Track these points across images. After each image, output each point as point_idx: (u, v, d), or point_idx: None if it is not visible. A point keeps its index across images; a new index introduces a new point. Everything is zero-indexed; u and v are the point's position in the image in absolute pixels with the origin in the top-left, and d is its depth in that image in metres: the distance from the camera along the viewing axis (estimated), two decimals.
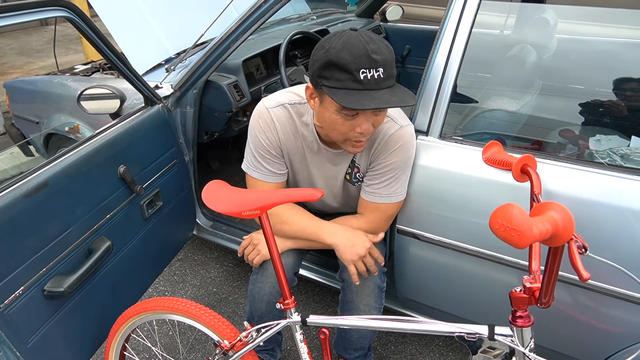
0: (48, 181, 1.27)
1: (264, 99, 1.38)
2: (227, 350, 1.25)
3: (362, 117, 1.15)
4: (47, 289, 1.26)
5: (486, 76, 1.74)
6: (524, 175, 1.17)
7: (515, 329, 1.00)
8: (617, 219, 1.18)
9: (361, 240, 1.34)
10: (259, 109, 1.37)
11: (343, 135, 1.21)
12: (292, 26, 2.76)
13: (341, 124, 1.17)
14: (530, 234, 0.67)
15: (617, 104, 1.56)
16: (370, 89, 1.08)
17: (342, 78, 1.08)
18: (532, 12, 1.99)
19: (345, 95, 1.08)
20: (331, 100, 1.12)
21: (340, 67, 1.07)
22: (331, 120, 1.18)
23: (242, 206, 1.13)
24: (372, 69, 1.07)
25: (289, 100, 1.36)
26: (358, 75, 1.06)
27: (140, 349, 1.92)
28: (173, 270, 2.39)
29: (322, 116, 1.21)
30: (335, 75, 1.09)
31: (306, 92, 1.24)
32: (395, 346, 1.96)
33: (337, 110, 1.14)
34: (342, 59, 1.06)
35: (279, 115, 1.35)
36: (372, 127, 1.19)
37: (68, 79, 2.37)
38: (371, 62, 1.06)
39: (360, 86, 1.08)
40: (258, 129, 1.36)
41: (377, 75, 1.08)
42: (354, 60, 1.06)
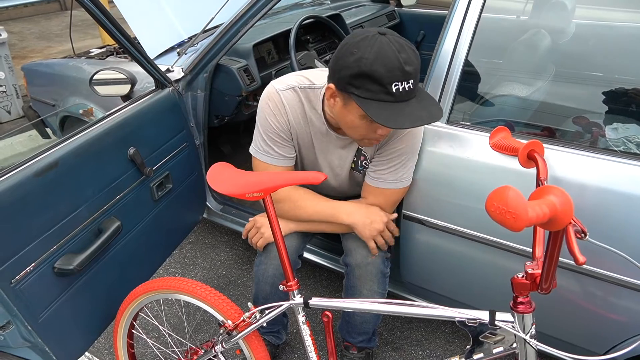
0: (58, 161, 1.29)
1: (273, 82, 1.38)
2: (230, 330, 1.28)
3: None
4: (57, 266, 1.29)
5: (497, 61, 1.71)
6: (531, 161, 1.16)
7: (517, 315, 0.99)
8: (628, 207, 1.16)
9: (378, 216, 1.37)
10: (268, 91, 1.36)
11: (362, 136, 1.23)
12: (305, 11, 2.74)
13: (363, 127, 1.18)
14: (525, 216, 0.67)
15: (635, 91, 1.52)
16: (400, 100, 1.08)
17: (373, 89, 1.07)
18: None
19: (377, 109, 1.07)
20: (357, 107, 1.11)
21: (373, 79, 1.06)
22: (353, 123, 1.19)
23: (246, 188, 1.14)
24: (404, 81, 1.06)
25: (299, 83, 1.36)
26: (390, 88, 1.06)
27: (149, 329, 1.96)
28: (184, 252, 2.43)
29: (343, 117, 1.21)
30: (366, 85, 1.08)
31: (327, 92, 1.21)
32: (401, 332, 1.97)
33: (361, 116, 1.15)
34: (376, 72, 1.05)
35: (288, 98, 1.35)
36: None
37: (83, 62, 2.40)
38: (404, 75, 1.06)
39: (391, 98, 1.07)
40: (268, 112, 1.36)
41: (408, 87, 1.07)
42: (388, 74, 1.05)
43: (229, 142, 2.77)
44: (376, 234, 1.37)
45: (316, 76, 1.37)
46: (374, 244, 1.38)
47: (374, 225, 1.36)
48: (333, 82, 1.16)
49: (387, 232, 1.39)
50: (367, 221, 1.36)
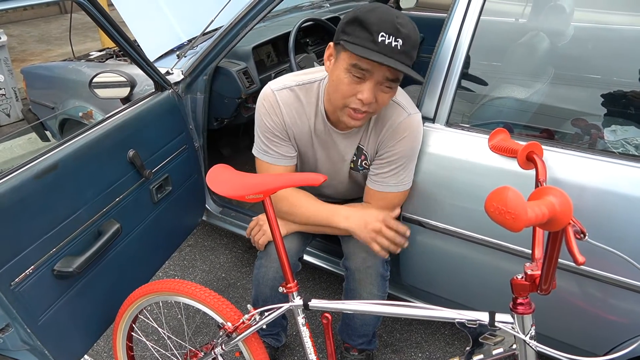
0: (58, 163, 1.29)
1: (270, 82, 1.38)
2: (230, 332, 1.27)
3: (367, 84, 1.15)
4: (57, 268, 1.28)
5: (496, 64, 1.71)
6: (530, 162, 1.16)
7: (516, 316, 0.99)
8: (627, 208, 1.16)
9: (373, 216, 1.32)
10: (264, 92, 1.37)
11: (343, 100, 1.20)
12: (304, 13, 2.75)
13: (346, 84, 1.17)
14: (524, 217, 0.67)
15: (634, 94, 1.53)
16: (384, 53, 1.08)
17: (361, 36, 1.09)
18: None
19: (358, 47, 1.09)
20: (344, 56, 1.14)
21: (364, 25, 1.09)
22: (338, 79, 1.18)
23: (245, 190, 1.14)
24: (392, 35, 1.08)
25: (296, 82, 1.36)
26: (377, 37, 1.08)
27: (149, 331, 1.96)
28: (183, 255, 2.43)
29: (332, 76, 1.21)
30: (356, 32, 1.10)
31: (326, 52, 1.24)
32: (401, 334, 1.97)
33: (347, 68, 1.15)
34: (367, 18, 1.08)
35: (284, 97, 1.35)
36: (375, 101, 1.18)
37: (83, 65, 2.40)
38: (393, 29, 1.08)
39: (375, 47, 1.08)
40: (263, 112, 1.36)
41: (395, 45, 1.08)
42: (378, 22, 1.08)
43: (228, 144, 2.77)
44: (374, 235, 1.31)
45: (317, 70, 1.38)
46: (376, 246, 1.31)
47: (369, 227, 1.31)
48: (333, 40, 1.20)
49: (387, 231, 1.31)
50: (362, 223, 1.32)
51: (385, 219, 1.32)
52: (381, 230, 1.30)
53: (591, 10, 1.87)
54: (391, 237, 1.32)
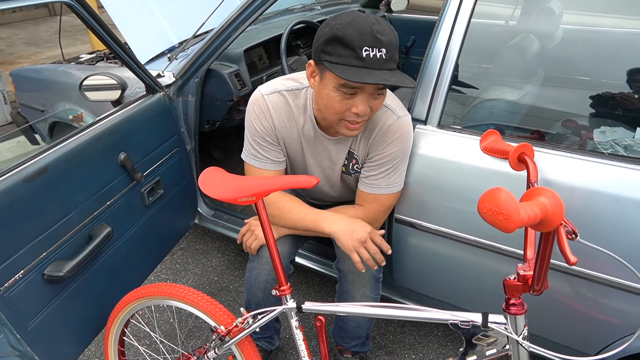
0: (47, 167, 1.28)
1: (260, 87, 1.38)
2: (223, 336, 1.27)
3: (359, 98, 1.15)
4: (47, 273, 1.27)
5: (487, 66, 1.72)
6: (521, 163, 1.17)
7: (509, 316, 1.00)
8: (617, 208, 1.17)
9: (360, 225, 1.31)
10: (254, 96, 1.37)
11: (338, 115, 1.20)
12: (295, 16, 2.75)
13: (338, 102, 1.16)
14: (517, 218, 0.67)
15: (622, 95, 1.55)
16: (371, 67, 1.08)
17: (344, 54, 1.08)
18: (537, 2, 1.97)
19: (345, 69, 1.08)
20: (331, 76, 1.13)
21: (344, 42, 1.07)
22: (329, 97, 1.17)
23: (238, 192, 1.14)
24: (375, 48, 1.07)
25: (285, 87, 1.36)
26: (361, 52, 1.07)
27: (140, 336, 1.94)
28: (175, 258, 2.41)
29: (320, 94, 1.20)
30: (338, 50, 1.09)
31: (307, 70, 1.23)
32: (394, 336, 1.97)
33: (335, 87, 1.14)
34: (347, 35, 1.07)
35: (274, 102, 1.35)
36: (370, 110, 1.18)
37: (72, 67, 2.38)
38: (375, 41, 1.07)
39: (361, 63, 1.08)
40: (253, 116, 1.36)
41: (380, 56, 1.08)
42: (358, 37, 1.06)
43: (220, 147, 2.76)
44: (358, 244, 1.29)
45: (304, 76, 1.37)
46: (356, 256, 1.30)
47: (355, 235, 1.29)
48: (313, 57, 1.19)
49: (371, 245, 1.30)
50: (348, 230, 1.30)
51: (372, 232, 1.31)
52: (366, 241, 1.29)
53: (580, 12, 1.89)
54: (373, 251, 1.31)
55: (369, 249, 1.30)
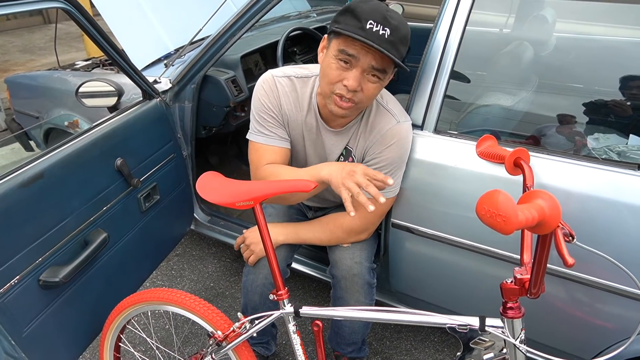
0: (44, 172, 1.27)
1: (270, 69, 1.40)
2: (220, 341, 1.26)
3: (353, 72, 1.17)
4: (43, 279, 1.26)
5: (482, 72, 1.74)
6: (517, 168, 1.17)
7: (506, 320, 1.00)
8: (611, 213, 1.18)
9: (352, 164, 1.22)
10: (264, 76, 1.38)
11: (330, 86, 1.21)
12: (292, 23, 2.77)
13: (333, 70, 1.18)
14: (515, 219, 0.68)
15: (615, 102, 1.56)
16: (370, 39, 1.10)
17: (351, 23, 1.12)
18: (530, 10, 2.00)
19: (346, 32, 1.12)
20: (334, 43, 1.17)
21: (354, 14, 1.12)
22: (327, 65, 1.20)
23: (235, 197, 1.14)
24: (380, 24, 1.10)
25: (295, 73, 1.38)
26: (365, 24, 1.10)
27: (136, 342, 1.93)
28: (171, 265, 2.40)
29: (322, 64, 1.24)
30: (347, 20, 1.13)
31: (320, 45, 1.27)
32: (390, 341, 1.97)
33: (335, 54, 1.17)
34: (358, 7, 1.12)
35: (283, 84, 1.36)
36: (361, 90, 1.19)
37: (68, 74, 2.38)
38: (382, 19, 1.11)
39: (362, 34, 1.11)
40: (261, 93, 1.36)
41: (382, 34, 1.11)
42: (368, 12, 1.11)
43: (216, 153, 2.76)
44: (348, 177, 1.16)
45: (316, 66, 1.38)
46: (345, 193, 1.14)
47: (345, 169, 1.18)
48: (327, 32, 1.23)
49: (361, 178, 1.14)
50: (339, 167, 1.21)
51: (364, 167, 1.19)
52: (355, 174, 1.16)
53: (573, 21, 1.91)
54: (363, 184, 1.14)
55: (358, 181, 1.14)
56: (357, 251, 1.44)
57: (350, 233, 1.43)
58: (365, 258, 1.44)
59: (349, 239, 1.45)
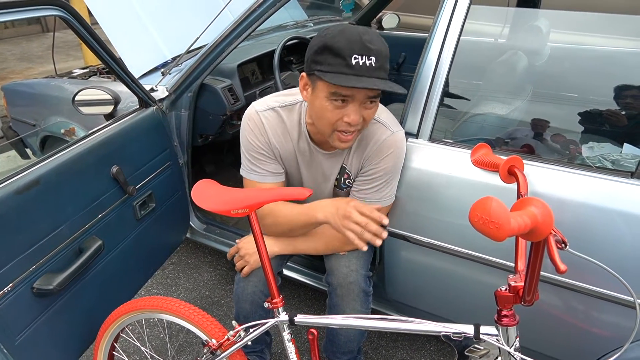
0: (39, 179, 1.27)
1: (254, 103, 1.39)
2: (215, 350, 1.25)
3: (351, 107, 1.16)
4: (37, 286, 1.26)
5: (477, 81, 1.76)
6: (511, 176, 1.18)
7: (501, 328, 1.00)
8: (605, 220, 1.19)
9: (343, 202, 1.26)
10: (248, 113, 1.38)
11: (331, 126, 1.20)
12: (288, 32, 2.78)
13: (330, 111, 1.17)
14: (508, 226, 0.68)
15: (609, 112, 1.58)
16: (360, 74, 1.10)
17: (334, 62, 1.10)
18: (524, 21, 2.02)
19: (335, 76, 1.10)
20: (322, 85, 1.15)
21: (334, 51, 1.09)
22: (321, 107, 1.18)
23: (231, 204, 1.14)
24: (364, 55, 1.09)
25: (279, 103, 1.37)
26: (350, 60, 1.08)
27: (130, 351, 1.91)
28: (166, 273, 2.39)
29: (313, 105, 1.21)
30: (328, 60, 1.11)
31: (300, 83, 1.24)
32: (386, 350, 1.96)
33: (327, 96, 1.15)
34: (336, 43, 1.09)
35: (268, 118, 1.36)
36: (362, 120, 1.19)
37: (65, 81, 2.38)
38: (364, 49, 1.09)
39: (351, 71, 1.09)
40: (248, 131, 1.37)
41: (369, 64, 1.10)
42: (348, 46, 1.08)
43: (213, 161, 2.76)
44: (345, 221, 1.21)
45: (298, 92, 1.38)
46: (350, 234, 1.20)
47: (340, 212, 1.22)
48: (305, 70, 1.20)
49: (358, 216, 1.19)
50: (334, 210, 1.25)
51: (357, 204, 1.23)
52: (351, 215, 1.20)
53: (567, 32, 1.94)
54: (362, 223, 1.19)
55: (357, 221, 1.19)
56: (353, 259, 1.44)
57: (346, 243, 1.43)
58: (361, 266, 1.44)
59: (345, 248, 1.45)
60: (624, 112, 1.56)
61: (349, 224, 1.21)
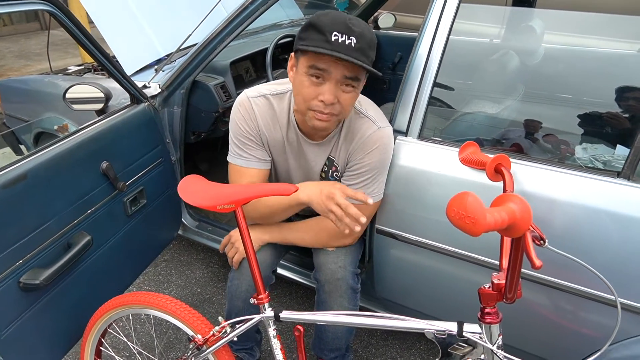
0: (27, 173, 1.27)
1: (245, 90, 1.40)
2: (200, 345, 1.25)
3: (327, 86, 1.17)
4: (23, 281, 1.26)
5: (466, 80, 1.76)
6: (498, 174, 1.18)
7: (484, 325, 1.00)
8: (591, 219, 1.19)
9: (328, 184, 1.27)
10: (240, 99, 1.39)
11: (306, 102, 1.21)
12: (283, 31, 2.79)
13: (307, 86, 1.19)
14: (483, 221, 0.68)
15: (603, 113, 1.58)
16: (338, 51, 1.11)
17: (315, 38, 1.13)
18: (517, 20, 2.02)
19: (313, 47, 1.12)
20: (303, 60, 1.18)
21: (317, 28, 1.13)
22: (299, 83, 1.20)
23: (217, 200, 1.14)
24: (344, 34, 1.11)
25: (270, 91, 1.38)
26: (330, 36, 1.11)
27: (120, 347, 1.91)
28: (158, 270, 2.39)
29: (294, 82, 1.24)
30: (311, 35, 1.14)
31: (289, 63, 1.27)
32: (376, 349, 1.96)
33: (305, 71, 1.17)
34: (319, 21, 1.13)
35: (259, 104, 1.37)
36: (338, 102, 1.19)
37: (59, 78, 2.38)
38: (346, 29, 1.11)
39: (329, 46, 1.11)
40: (238, 117, 1.38)
41: (349, 43, 1.12)
42: (330, 23, 1.12)
43: (206, 159, 2.76)
44: (328, 201, 1.22)
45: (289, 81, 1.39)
46: (333, 215, 1.22)
47: (323, 193, 1.23)
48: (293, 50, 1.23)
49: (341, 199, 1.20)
50: (317, 191, 1.26)
51: (342, 186, 1.24)
52: (335, 195, 1.21)
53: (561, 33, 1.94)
54: (343, 205, 1.19)
55: (339, 202, 1.20)
56: (342, 256, 1.44)
57: (335, 237, 1.43)
58: (350, 263, 1.44)
59: (333, 243, 1.45)
60: (618, 114, 1.56)
61: (332, 205, 1.21)
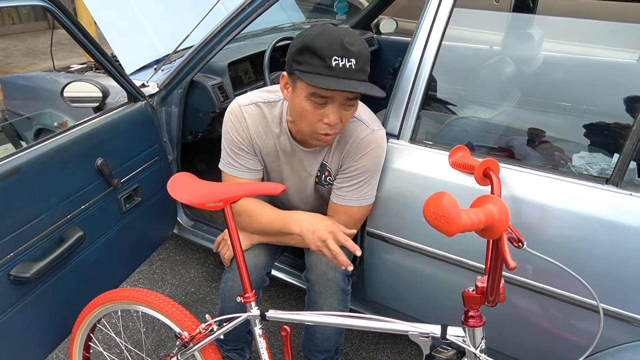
0: (20, 167, 1.28)
1: (237, 97, 1.40)
2: (187, 342, 1.26)
3: (330, 108, 1.16)
4: (13, 273, 1.26)
5: (460, 84, 1.76)
6: (486, 178, 1.18)
7: (467, 329, 1.00)
8: (579, 226, 1.19)
9: (323, 224, 1.28)
10: (231, 107, 1.39)
11: (311, 126, 1.21)
12: (284, 34, 2.80)
13: (310, 111, 1.17)
14: (458, 221, 0.68)
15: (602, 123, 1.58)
16: (340, 76, 1.10)
17: (314, 63, 1.10)
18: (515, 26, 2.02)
19: (314, 77, 1.10)
20: (302, 85, 1.15)
21: (314, 52, 1.10)
22: (301, 108, 1.18)
23: (205, 197, 1.15)
24: (344, 57, 1.09)
25: (262, 99, 1.38)
26: (330, 62, 1.09)
27: (112, 344, 1.92)
28: (153, 269, 2.40)
29: (293, 104, 1.22)
30: (308, 60, 1.11)
31: (281, 82, 1.25)
32: (367, 352, 1.96)
33: (306, 96, 1.16)
34: (316, 44, 1.09)
35: (251, 112, 1.37)
36: (340, 121, 1.19)
37: (60, 75, 2.41)
38: (344, 51, 1.09)
39: (330, 72, 1.10)
40: (230, 126, 1.38)
41: (349, 66, 1.10)
42: (328, 47, 1.09)
43: (204, 160, 2.77)
44: (320, 244, 1.25)
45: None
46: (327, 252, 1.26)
47: (317, 234, 1.26)
48: (285, 69, 1.21)
49: (332, 245, 1.23)
50: (311, 229, 1.27)
51: (335, 231, 1.26)
52: (327, 241, 1.24)
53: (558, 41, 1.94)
54: (335, 252, 1.24)
55: (330, 248, 1.24)
56: None
57: None
58: None
59: None
60: (618, 123, 1.56)
61: (323, 247, 1.26)
